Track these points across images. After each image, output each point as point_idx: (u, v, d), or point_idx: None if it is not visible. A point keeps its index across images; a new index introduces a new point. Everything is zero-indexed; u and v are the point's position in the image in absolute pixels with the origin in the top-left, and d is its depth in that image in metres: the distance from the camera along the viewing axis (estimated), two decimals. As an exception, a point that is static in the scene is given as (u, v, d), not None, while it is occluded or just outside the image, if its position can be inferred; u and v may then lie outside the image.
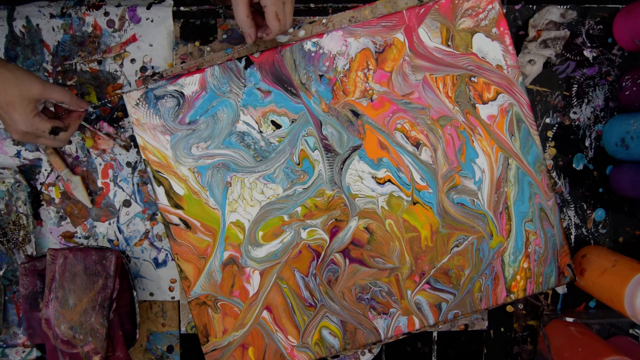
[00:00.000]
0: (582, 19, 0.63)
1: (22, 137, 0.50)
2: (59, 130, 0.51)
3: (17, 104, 0.48)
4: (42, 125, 0.50)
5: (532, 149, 0.60)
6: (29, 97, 0.49)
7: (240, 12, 0.50)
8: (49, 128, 0.50)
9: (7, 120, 0.49)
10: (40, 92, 0.49)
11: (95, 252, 0.58)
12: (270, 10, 0.50)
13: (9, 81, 0.48)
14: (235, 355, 0.60)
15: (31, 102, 0.49)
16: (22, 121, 0.49)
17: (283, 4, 0.50)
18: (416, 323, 0.60)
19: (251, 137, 0.58)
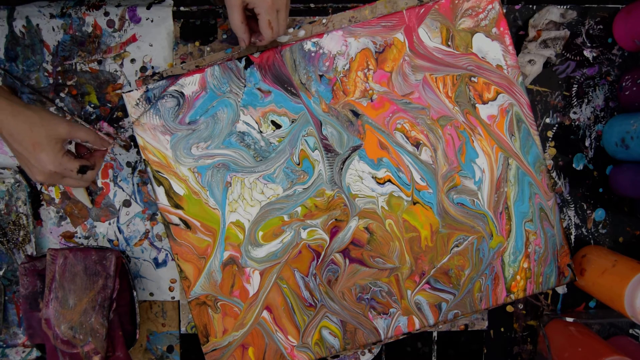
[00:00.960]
0: (582, 19, 0.63)
1: (48, 177, 0.49)
2: (86, 169, 0.51)
3: (45, 144, 0.48)
4: (71, 165, 0.50)
5: (532, 149, 0.60)
6: (56, 137, 0.48)
7: (234, 17, 0.50)
8: (77, 167, 0.50)
9: (32, 161, 0.48)
10: (67, 131, 0.49)
11: (95, 252, 0.58)
12: (264, 19, 0.50)
13: (34, 122, 0.48)
14: (235, 355, 0.60)
15: (59, 142, 0.49)
16: (50, 161, 0.48)
17: (277, 12, 0.51)
18: (416, 323, 0.60)
19: (251, 137, 0.58)
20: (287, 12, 0.52)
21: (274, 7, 0.50)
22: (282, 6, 0.51)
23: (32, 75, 0.61)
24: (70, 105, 0.62)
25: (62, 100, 0.62)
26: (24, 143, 0.47)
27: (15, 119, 0.47)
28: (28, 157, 0.48)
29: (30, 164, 0.49)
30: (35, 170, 0.49)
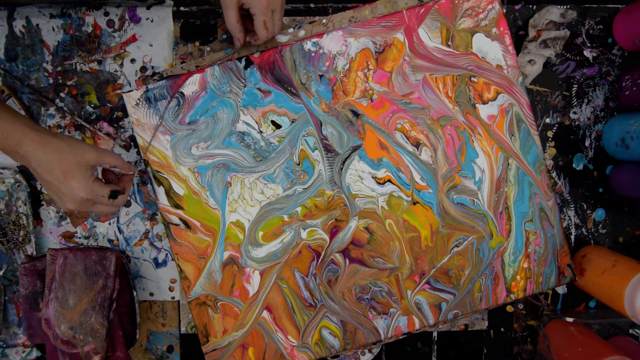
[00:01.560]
0: (582, 19, 0.63)
1: (79, 205, 0.49)
2: (117, 193, 0.51)
3: (75, 171, 0.47)
4: (102, 190, 0.49)
5: (532, 149, 0.60)
6: (85, 164, 0.48)
7: (230, 17, 0.51)
8: (108, 192, 0.50)
9: (62, 190, 0.48)
10: (95, 157, 0.49)
11: (95, 252, 0.58)
12: (259, 19, 0.51)
13: (63, 150, 0.47)
14: (235, 355, 0.60)
15: (88, 169, 0.49)
16: (81, 188, 0.48)
17: (272, 13, 0.51)
18: (416, 323, 0.60)
19: (251, 137, 0.58)
20: (282, 13, 0.53)
21: (269, 7, 0.50)
22: (277, 6, 0.51)
23: (32, 75, 0.61)
24: (70, 105, 0.62)
25: (62, 100, 0.62)
26: (54, 172, 0.47)
27: (44, 149, 0.47)
28: (58, 186, 0.48)
29: (61, 193, 0.48)
30: (67, 199, 0.48)
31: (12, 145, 0.47)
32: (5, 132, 0.46)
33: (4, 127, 0.46)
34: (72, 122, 0.62)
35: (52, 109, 0.62)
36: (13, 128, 0.47)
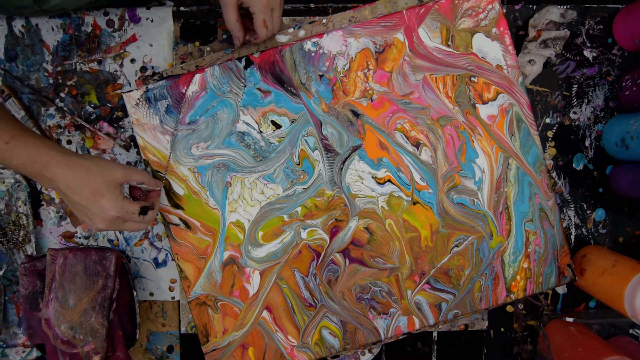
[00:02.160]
0: (582, 19, 0.63)
1: (110, 224, 0.49)
2: (147, 209, 0.50)
3: (104, 190, 0.47)
4: (132, 207, 0.49)
5: (532, 149, 0.60)
6: (114, 182, 0.48)
7: (229, 15, 0.51)
8: (138, 209, 0.49)
9: (93, 210, 0.47)
10: (123, 175, 0.49)
11: (95, 252, 0.58)
12: (259, 18, 0.51)
13: (91, 169, 0.47)
14: (235, 355, 0.60)
15: (117, 187, 0.48)
16: (112, 206, 0.47)
17: (271, 11, 0.52)
18: (416, 323, 0.60)
19: (251, 137, 0.58)
20: (281, 11, 0.53)
21: (269, 6, 0.51)
22: (276, 5, 0.52)
23: (32, 75, 0.61)
24: (70, 105, 0.62)
25: (62, 100, 0.62)
26: (82, 193, 0.47)
27: (71, 170, 0.47)
28: (88, 206, 0.47)
29: (91, 213, 0.48)
30: (97, 219, 0.48)
31: (39, 169, 0.46)
32: (31, 156, 0.46)
33: (30, 151, 0.46)
34: (72, 122, 0.62)
35: (52, 109, 0.62)
36: (39, 152, 0.46)
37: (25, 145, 0.46)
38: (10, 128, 0.46)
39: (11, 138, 0.46)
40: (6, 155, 0.46)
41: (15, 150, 0.46)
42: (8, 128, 0.46)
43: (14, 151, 0.46)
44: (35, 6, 0.45)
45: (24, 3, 0.44)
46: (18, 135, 0.46)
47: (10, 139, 0.46)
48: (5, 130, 0.46)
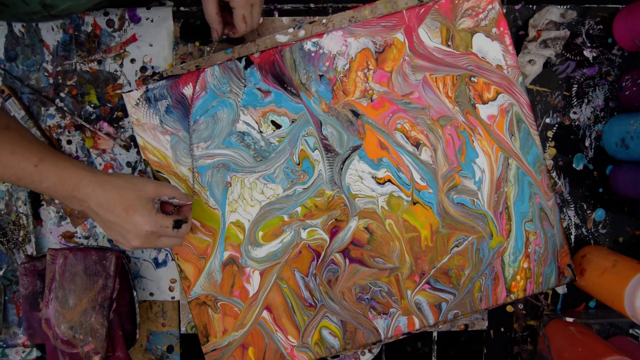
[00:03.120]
0: (582, 19, 0.63)
1: (145, 240, 0.48)
2: (181, 222, 0.50)
3: (137, 206, 0.47)
4: (166, 221, 0.48)
5: (532, 149, 0.60)
6: (146, 198, 0.48)
7: (209, 8, 0.52)
8: (172, 222, 0.49)
9: (126, 227, 0.47)
10: (154, 190, 0.49)
11: (95, 252, 0.58)
12: (238, 13, 0.52)
13: (122, 186, 0.47)
14: (235, 355, 0.60)
15: (149, 202, 0.48)
16: (146, 221, 0.47)
17: (251, 7, 0.52)
18: (416, 323, 0.60)
19: (251, 137, 0.58)
20: (261, 7, 0.54)
21: (249, 1, 0.51)
22: (256, 1, 0.52)
23: (32, 75, 0.61)
24: (70, 105, 0.62)
25: (62, 100, 0.62)
26: (115, 210, 0.46)
27: (102, 188, 0.46)
28: (122, 224, 0.47)
29: (125, 230, 0.47)
30: (131, 236, 0.47)
31: (69, 190, 0.46)
32: (61, 177, 0.46)
33: (60, 172, 0.46)
34: (72, 122, 0.62)
35: (52, 109, 0.62)
36: (69, 172, 0.46)
37: (55, 166, 0.46)
38: (38, 150, 0.46)
39: (40, 160, 0.45)
40: (36, 178, 0.45)
41: (45, 173, 0.45)
42: (36, 150, 0.46)
43: (43, 173, 0.45)
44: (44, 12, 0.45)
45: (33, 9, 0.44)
46: (47, 157, 0.46)
47: (39, 162, 0.45)
48: (33, 153, 0.46)
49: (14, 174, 0.45)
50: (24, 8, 0.44)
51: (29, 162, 0.45)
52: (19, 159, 0.45)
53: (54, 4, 0.45)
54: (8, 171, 0.45)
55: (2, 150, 0.45)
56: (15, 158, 0.45)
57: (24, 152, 0.45)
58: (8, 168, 0.45)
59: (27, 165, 0.45)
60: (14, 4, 0.43)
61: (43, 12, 0.45)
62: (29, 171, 0.45)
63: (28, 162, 0.45)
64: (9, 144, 0.45)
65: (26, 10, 0.44)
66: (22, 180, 0.46)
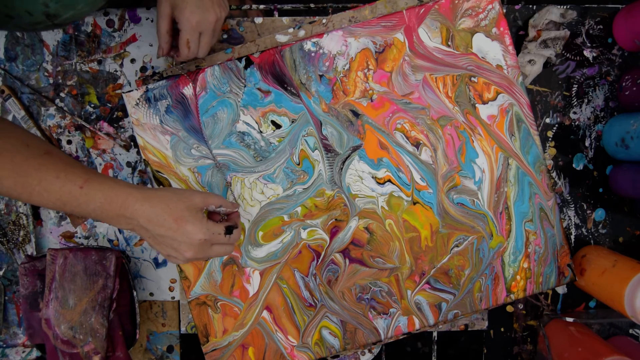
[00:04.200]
0: (582, 19, 0.63)
1: (198, 250, 0.47)
2: (232, 228, 0.50)
3: (187, 215, 0.46)
4: (218, 228, 0.48)
5: (532, 149, 0.60)
6: (194, 207, 0.47)
7: (161, 25, 0.52)
8: (223, 229, 0.49)
9: (178, 238, 0.46)
10: (201, 199, 0.49)
11: (95, 252, 0.58)
12: (183, 37, 0.52)
13: (169, 198, 0.47)
14: (235, 355, 0.60)
15: (199, 211, 0.48)
16: (198, 230, 0.46)
17: (200, 34, 0.52)
18: (416, 323, 0.60)
19: (251, 137, 0.58)
20: (211, 37, 0.53)
21: (197, 28, 0.51)
22: (206, 30, 0.52)
23: (32, 75, 0.61)
24: (70, 105, 0.62)
25: (62, 100, 0.62)
26: (165, 223, 0.46)
27: (149, 203, 0.46)
28: (173, 235, 0.46)
29: (177, 242, 0.47)
30: (184, 247, 0.47)
31: (116, 208, 0.46)
32: (107, 196, 0.45)
33: (106, 192, 0.45)
34: (72, 122, 0.62)
35: (52, 109, 0.62)
36: (115, 191, 0.46)
37: (100, 186, 0.46)
38: (82, 172, 0.46)
39: (85, 182, 0.45)
40: (82, 200, 0.45)
41: (91, 194, 0.45)
42: (80, 172, 0.46)
43: (89, 195, 0.45)
44: (47, 21, 0.45)
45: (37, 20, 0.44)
46: (91, 178, 0.46)
47: (84, 183, 0.45)
48: (78, 175, 0.45)
49: (59, 199, 0.45)
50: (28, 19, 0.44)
51: (74, 184, 0.45)
52: (64, 182, 0.45)
53: (57, 14, 0.45)
54: (53, 196, 0.45)
55: (46, 175, 0.44)
56: (59, 182, 0.45)
57: (67, 175, 0.45)
58: (53, 192, 0.45)
59: (73, 187, 0.45)
60: (18, 15, 0.43)
61: (47, 21, 0.45)
62: (74, 194, 0.45)
63: (73, 185, 0.45)
64: (52, 169, 0.45)
65: (30, 21, 0.44)
66: (67, 204, 0.45)
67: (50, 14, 0.44)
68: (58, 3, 0.44)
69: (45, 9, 0.43)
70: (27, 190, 0.44)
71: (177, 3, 0.50)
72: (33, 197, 0.45)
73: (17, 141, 0.45)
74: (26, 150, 0.45)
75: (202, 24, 0.51)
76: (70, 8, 0.46)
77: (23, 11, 0.43)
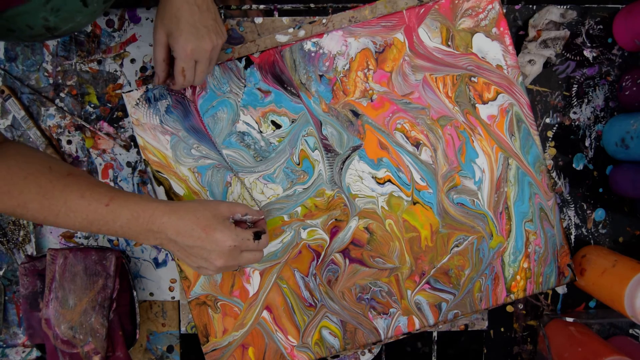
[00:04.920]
0: (582, 19, 0.63)
1: (228, 257, 0.47)
2: (260, 234, 0.50)
3: (215, 223, 0.47)
4: (246, 234, 0.48)
5: (532, 149, 0.60)
6: (222, 216, 0.48)
7: (157, 53, 0.51)
8: (252, 235, 0.49)
9: (208, 247, 0.47)
10: (227, 208, 0.49)
11: (95, 252, 0.58)
12: (178, 65, 0.51)
13: (196, 208, 0.47)
14: (235, 355, 0.60)
15: (226, 219, 0.48)
16: (227, 237, 0.47)
17: (195, 63, 0.51)
18: (416, 323, 0.60)
19: (251, 137, 0.58)
20: (207, 66, 0.52)
21: (192, 56, 0.50)
22: (202, 58, 0.51)
23: (32, 75, 0.61)
24: (70, 105, 0.62)
25: (62, 100, 0.62)
26: (194, 233, 0.46)
27: (177, 214, 0.46)
28: (203, 245, 0.46)
29: (207, 251, 0.47)
30: (214, 255, 0.47)
31: (143, 223, 0.46)
32: (134, 212, 0.46)
33: (132, 208, 0.46)
34: (72, 122, 0.62)
35: (52, 109, 0.62)
36: (141, 206, 0.46)
37: (126, 202, 0.46)
38: (107, 191, 0.46)
39: (110, 200, 0.45)
40: (108, 218, 0.45)
41: (117, 211, 0.45)
42: (105, 191, 0.46)
43: (115, 212, 0.45)
44: (47, 34, 0.46)
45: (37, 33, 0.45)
46: (116, 195, 0.46)
47: (109, 201, 0.45)
48: (103, 194, 0.46)
49: (85, 218, 0.45)
50: (29, 32, 0.44)
51: (99, 202, 0.45)
52: (89, 201, 0.45)
53: (57, 27, 0.46)
54: (79, 216, 0.45)
55: (71, 195, 0.45)
56: (85, 201, 0.45)
57: (92, 194, 0.45)
58: (79, 212, 0.45)
59: (98, 206, 0.45)
60: (19, 28, 0.43)
61: (47, 34, 0.46)
62: (100, 212, 0.45)
63: (99, 203, 0.45)
64: (77, 189, 0.45)
65: (31, 34, 0.45)
66: (93, 223, 0.46)
67: (50, 27, 0.45)
68: (58, 17, 0.44)
69: (45, 23, 0.44)
70: (53, 212, 0.45)
71: (171, 31, 0.49)
72: (59, 218, 0.45)
73: (41, 165, 0.45)
74: (50, 173, 0.45)
75: (198, 52, 0.50)
76: (70, 21, 0.46)
77: (24, 25, 0.43)
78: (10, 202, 0.44)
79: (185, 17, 0.49)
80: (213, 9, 0.51)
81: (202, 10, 0.50)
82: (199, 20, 0.49)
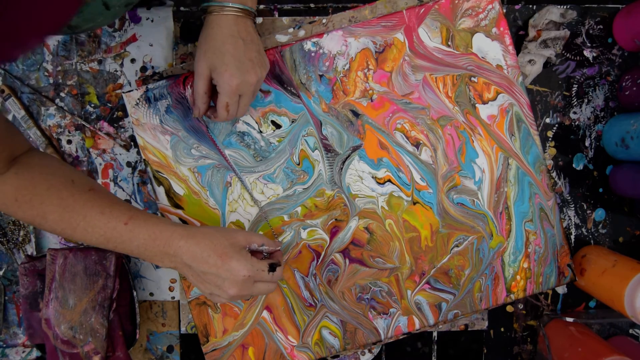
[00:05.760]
0: (582, 19, 0.63)
1: (241, 287, 0.46)
2: (275, 266, 0.49)
3: (232, 252, 0.46)
4: (262, 265, 0.48)
5: (532, 149, 0.60)
6: (238, 245, 0.47)
7: (198, 85, 0.50)
8: (267, 266, 0.48)
9: (223, 275, 0.46)
10: (244, 237, 0.49)
11: (95, 252, 0.58)
12: (222, 100, 0.50)
13: (213, 235, 0.47)
14: (235, 355, 0.60)
15: (242, 248, 0.48)
16: (242, 266, 0.46)
17: (240, 97, 0.50)
18: (416, 323, 0.60)
19: (251, 137, 0.58)
20: (251, 98, 0.52)
21: (237, 91, 0.49)
22: (246, 92, 0.50)
23: (32, 75, 0.61)
24: (70, 105, 0.62)
25: (62, 100, 0.62)
26: (210, 259, 0.46)
27: (194, 239, 0.46)
28: (218, 272, 0.46)
29: (221, 279, 0.46)
30: (228, 284, 0.46)
31: (160, 245, 0.46)
32: (152, 233, 0.46)
33: (150, 228, 0.46)
34: (72, 122, 0.62)
35: (52, 109, 0.62)
36: (159, 228, 0.46)
37: (145, 223, 0.46)
38: (127, 209, 0.46)
39: (130, 219, 0.45)
40: (126, 237, 0.45)
41: (136, 230, 0.45)
42: (125, 209, 0.46)
43: (134, 231, 0.45)
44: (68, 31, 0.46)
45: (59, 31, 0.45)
46: (135, 215, 0.46)
47: (128, 220, 0.45)
48: (122, 212, 0.46)
49: (103, 235, 0.45)
50: None
51: (118, 220, 0.45)
52: (109, 218, 0.45)
53: (78, 26, 0.46)
54: (97, 232, 0.45)
55: (91, 210, 0.45)
56: (104, 218, 0.45)
57: (112, 211, 0.45)
58: (98, 228, 0.45)
59: (117, 224, 0.45)
60: None
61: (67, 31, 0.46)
62: (119, 230, 0.45)
63: (118, 221, 0.45)
64: (97, 205, 0.45)
65: None
66: (111, 240, 0.46)
67: (72, 25, 0.45)
68: (80, 17, 0.44)
69: None
70: (72, 225, 0.45)
71: (216, 65, 0.48)
72: (77, 232, 0.45)
73: (64, 177, 0.45)
74: (72, 187, 0.45)
75: (243, 87, 0.49)
76: (91, 21, 0.46)
77: None
78: (30, 212, 0.44)
79: (230, 52, 0.48)
80: (257, 41, 0.51)
81: (247, 43, 0.49)
82: (244, 54, 0.48)
